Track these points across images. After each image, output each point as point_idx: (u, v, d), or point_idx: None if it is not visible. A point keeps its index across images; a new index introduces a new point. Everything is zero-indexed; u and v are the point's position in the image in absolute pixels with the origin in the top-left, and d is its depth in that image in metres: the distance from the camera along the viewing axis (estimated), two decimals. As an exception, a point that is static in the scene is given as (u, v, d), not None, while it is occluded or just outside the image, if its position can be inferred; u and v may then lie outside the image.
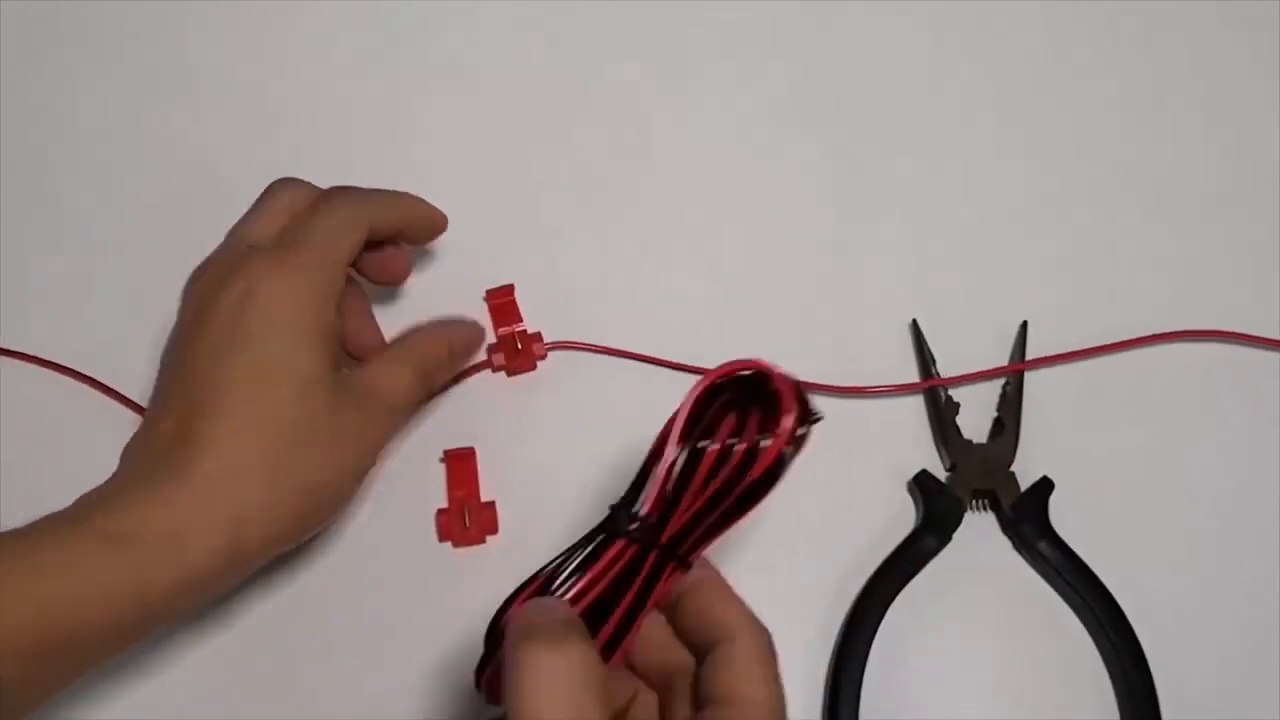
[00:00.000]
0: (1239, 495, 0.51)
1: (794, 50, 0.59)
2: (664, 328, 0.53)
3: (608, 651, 0.34)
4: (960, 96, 0.59)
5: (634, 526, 0.34)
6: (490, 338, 0.53)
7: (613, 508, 0.35)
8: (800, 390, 0.34)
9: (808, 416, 0.33)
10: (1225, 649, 0.48)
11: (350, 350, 0.49)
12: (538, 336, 0.53)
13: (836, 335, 0.54)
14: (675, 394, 0.52)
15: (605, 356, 0.53)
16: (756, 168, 0.57)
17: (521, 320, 0.53)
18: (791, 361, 0.51)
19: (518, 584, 0.35)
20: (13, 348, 0.53)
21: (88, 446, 0.44)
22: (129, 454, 0.42)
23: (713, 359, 0.50)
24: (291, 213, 0.45)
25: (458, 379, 0.53)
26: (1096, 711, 0.47)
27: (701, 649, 0.36)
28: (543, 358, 0.53)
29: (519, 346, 0.52)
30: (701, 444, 0.34)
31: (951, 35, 0.60)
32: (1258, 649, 0.48)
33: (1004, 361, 0.53)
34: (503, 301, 0.53)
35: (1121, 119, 0.58)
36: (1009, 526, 0.50)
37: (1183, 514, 0.51)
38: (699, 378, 0.34)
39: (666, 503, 0.34)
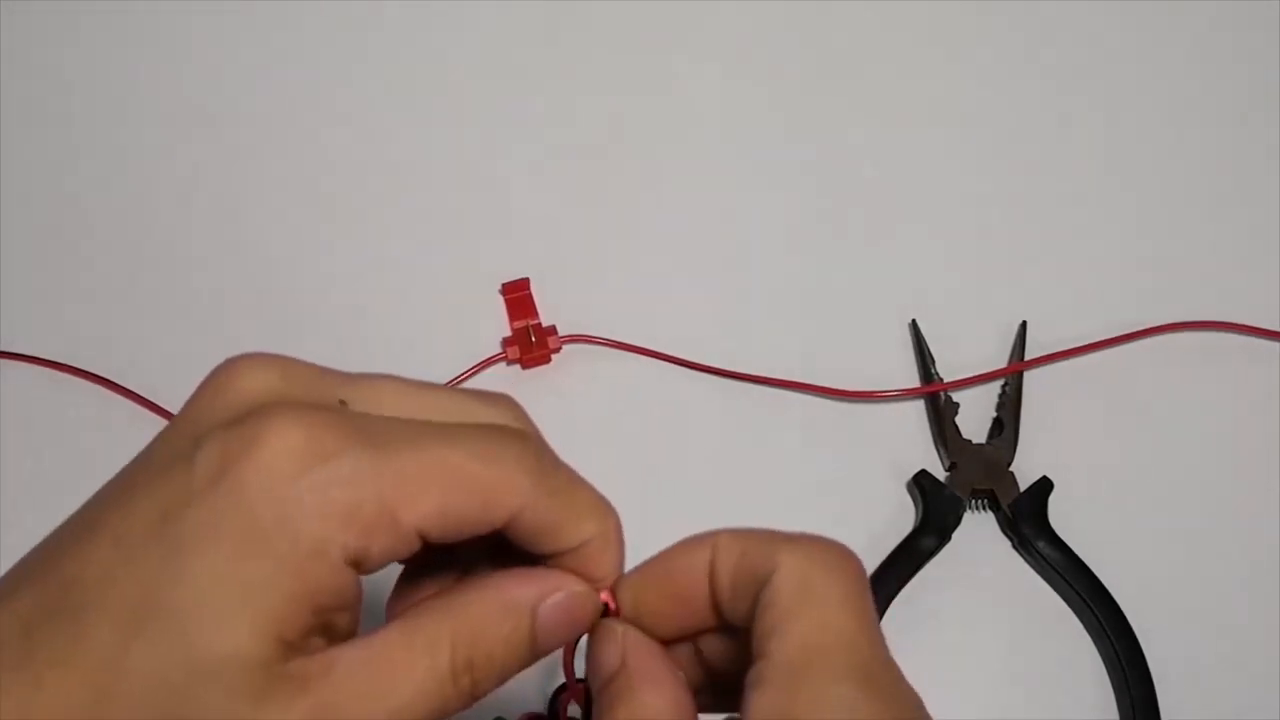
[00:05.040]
0: (1239, 492, 0.48)
1: (796, 52, 0.58)
2: (675, 324, 0.51)
3: None
4: (959, 97, 0.57)
5: None
6: (505, 331, 0.51)
7: None
8: None
9: None
10: (1225, 649, 0.46)
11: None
12: (552, 330, 0.51)
13: (837, 335, 0.52)
14: (684, 389, 0.51)
15: (618, 351, 0.51)
16: (762, 169, 0.55)
17: (537, 314, 0.51)
18: (794, 361, 0.50)
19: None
20: (16, 349, 0.51)
21: (96, 445, 0.41)
22: None
23: (717, 357, 0.50)
24: (444, 409, 0.27)
25: (473, 371, 0.50)
26: (1096, 711, 0.45)
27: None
28: (557, 351, 0.51)
29: (533, 339, 0.50)
30: None
31: (951, 35, 0.58)
32: (1258, 649, 0.46)
33: (1004, 361, 0.50)
34: (518, 295, 0.51)
35: (1118, 117, 0.56)
36: (1008, 526, 0.47)
37: (1183, 513, 0.48)
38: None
39: None
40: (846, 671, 0.24)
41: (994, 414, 0.49)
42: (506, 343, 0.50)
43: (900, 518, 0.48)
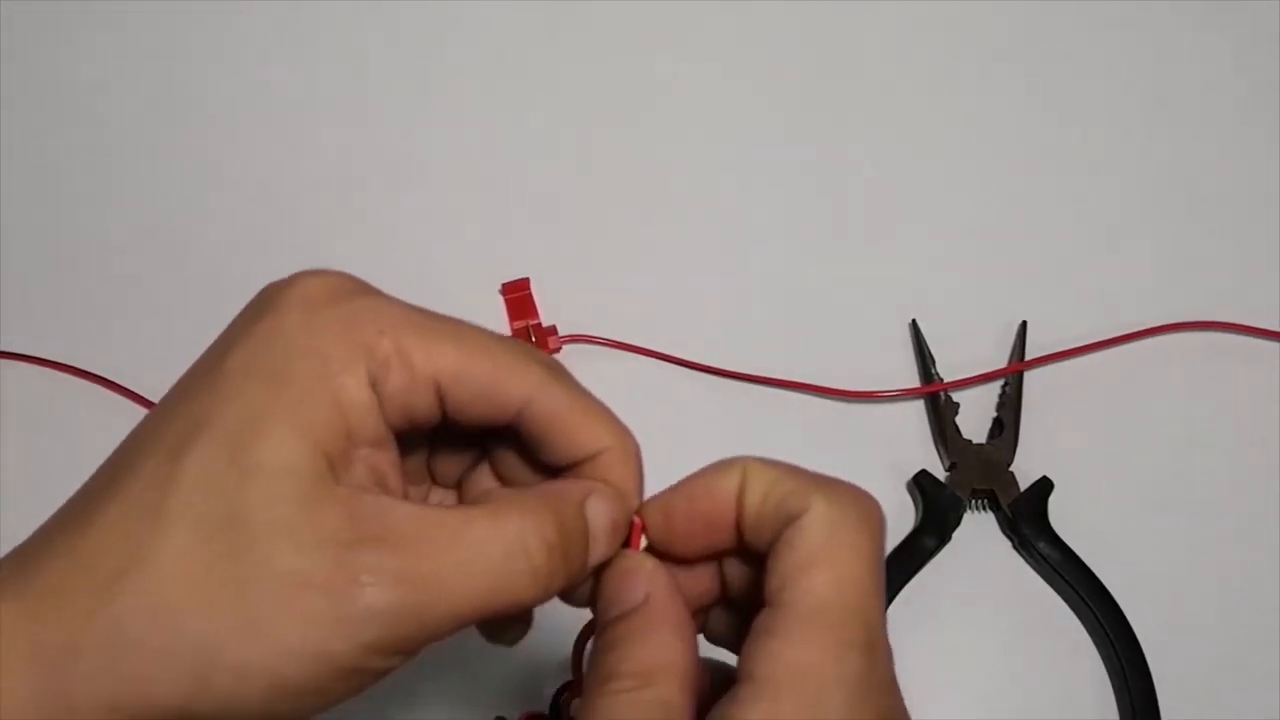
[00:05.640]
0: (1239, 492, 0.48)
1: (796, 52, 0.57)
2: (675, 324, 0.51)
3: None
4: (959, 97, 0.57)
5: None
6: (505, 331, 0.51)
7: None
8: None
9: None
10: (1225, 649, 0.45)
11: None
12: (552, 330, 0.50)
13: (837, 335, 0.51)
14: (684, 389, 0.51)
15: (618, 351, 0.50)
16: (762, 169, 0.55)
17: (537, 314, 0.50)
18: (794, 361, 0.50)
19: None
20: (16, 349, 0.50)
21: (96, 445, 0.40)
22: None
23: (717, 357, 0.50)
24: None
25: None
26: (1096, 711, 0.44)
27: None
28: (557, 351, 0.50)
29: (534, 339, 0.50)
30: None
31: (951, 36, 0.58)
32: (1258, 649, 0.45)
33: (1004, 361, 0.50)
34: (518, 295, 0.51)
35: (1118, 118, 0.56)
36: (1008, 526, 0.47)
37: (1183, 513, 0.48)
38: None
39: None
40: (856, 633, 0.24)
41: (994, 414, 0.49)
42: (507, 343, 0.50)
43: (900, 518, 0.47)
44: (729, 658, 0.27)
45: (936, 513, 0.46)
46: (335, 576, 0.23)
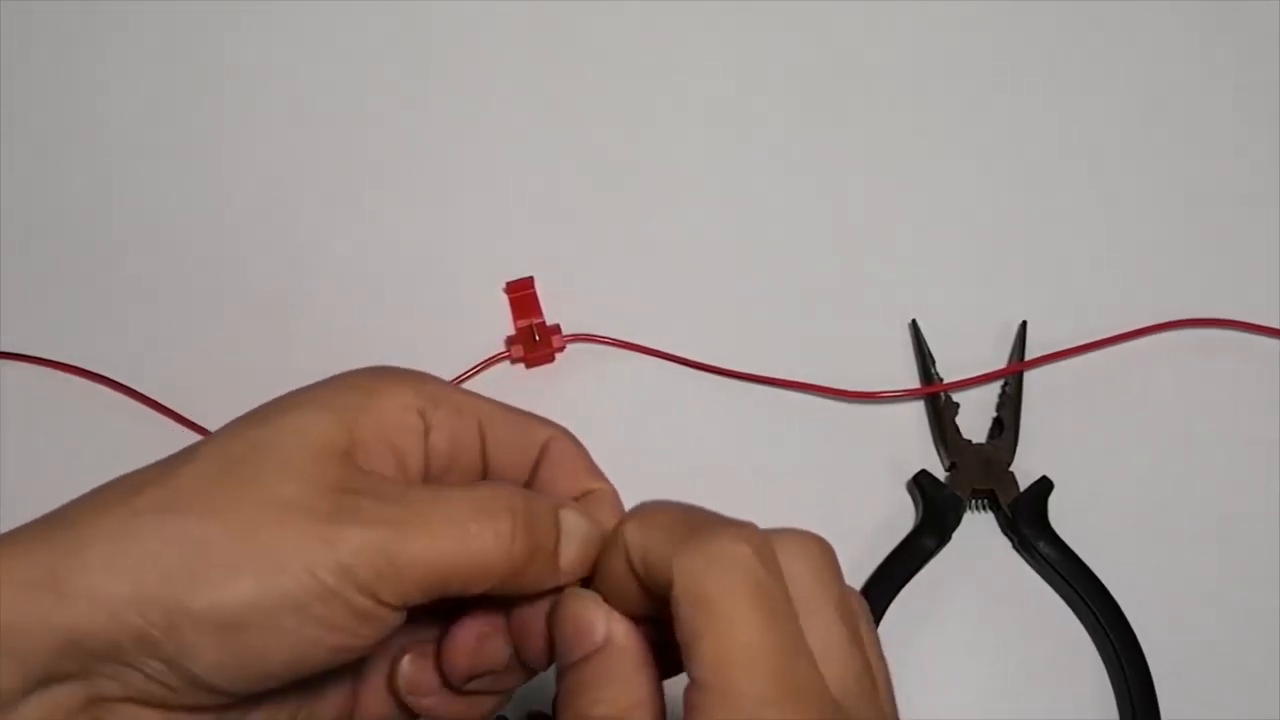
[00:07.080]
0: (1238, 492, 0.48)
1: (796, 53, 0.57)
2: (677, 323, 0.51)
3: None
4: (958, 98, 0.56)
5: None
6: (509, 330, 0.50)
7: None
8: None
9: None
10: (1225, 649, 0.45)
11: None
12: (556, 329, 0.50)
13: (838, 335, 0.51)
14: (686, 388, 0.51)
15: (622, 350, 0.50)
16: (763, 169, 0.55)
17: (541, 313, 0.50)
18: (795, 361, 0.50)
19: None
20: (16, 349, 0.50)
21: (96, 445, 0.40)
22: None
23: (719, 356, 0.50)
24: None
25: (476, 370, 0.49)
26: (1096, 711, 0.44)
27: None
28: (561, 350, 0.50)
29: (537, 338, 0.50)
30: None
31: (950, 36, 0.58)
32: (1258, 649, 0.45)
33: (1004, 361, 0.50)
34: (523, 294, 0.51)
35: (1118, 116, 0.56)
36: (1008, 526, 0.47)
37: (1183, 513, 0.48)
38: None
39: None
40: (762, 689, 0.23)
41: (994, 414, 0.49)
42: (510, 341, 0.50)
43: (900, 518, 0.47)
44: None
45: (936, 513, 0.46)
46: (323, 505, 0.26)
